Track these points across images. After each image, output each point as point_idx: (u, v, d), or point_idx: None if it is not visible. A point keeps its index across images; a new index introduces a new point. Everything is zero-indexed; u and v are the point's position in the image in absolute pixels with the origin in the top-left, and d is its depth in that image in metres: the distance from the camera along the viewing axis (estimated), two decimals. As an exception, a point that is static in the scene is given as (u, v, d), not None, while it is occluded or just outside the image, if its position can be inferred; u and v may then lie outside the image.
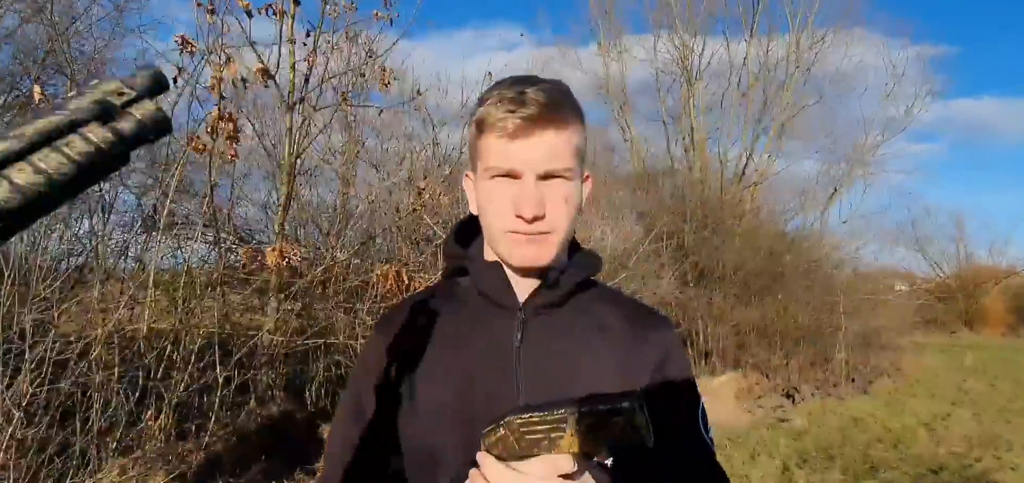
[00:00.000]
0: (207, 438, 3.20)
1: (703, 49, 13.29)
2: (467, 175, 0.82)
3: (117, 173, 5.00)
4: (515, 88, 0.71)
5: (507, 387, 0.72)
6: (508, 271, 0.77)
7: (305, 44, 4.11)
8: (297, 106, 4.20)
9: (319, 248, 5.09)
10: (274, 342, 4.18)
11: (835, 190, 13.88)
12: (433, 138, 5.74)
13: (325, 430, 4.32)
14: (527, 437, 0.58)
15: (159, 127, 0.32)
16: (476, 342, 0.76)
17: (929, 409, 7.49)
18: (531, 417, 0.58)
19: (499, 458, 0.59)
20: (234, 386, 3.67)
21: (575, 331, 0.77)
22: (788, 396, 7.59)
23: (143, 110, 0.32)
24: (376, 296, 4.52)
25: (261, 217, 5.96)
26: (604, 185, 8.27)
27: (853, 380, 8.94)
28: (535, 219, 0.71)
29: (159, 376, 3.15)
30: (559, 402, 0.58)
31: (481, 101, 0.74)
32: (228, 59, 3.45)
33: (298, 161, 4.43)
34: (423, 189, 4.23)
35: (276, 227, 4.42)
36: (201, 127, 3.70)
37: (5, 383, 2.29)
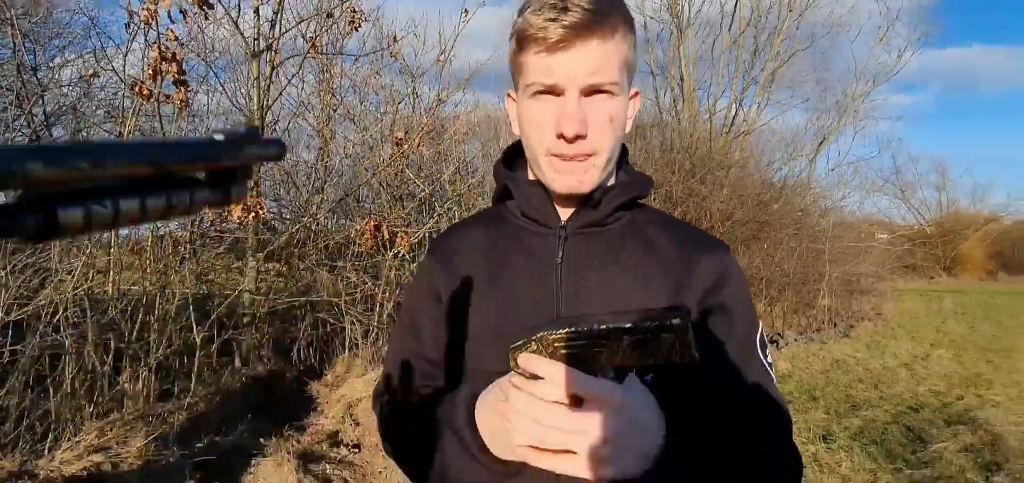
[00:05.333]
0: (190, 398, 3.14)
1: (693, -6, 12.92)
2: (509, 94, 0.78)
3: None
4: None
5: (548, 305, 0.72)
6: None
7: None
8: (264, 54, 3.97)
9: (298, 207, 4.94)
10: (256, 302, 4.08)
11: (824, 139, 13.84)
12: (413, 90, 5.52)
13: (313, 388, 4.28)
14: (561, 353, 0.52)
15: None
16: (517, 260, 0.75)
17: (909, 350, 7.67)
18: (566, 331, 0.52)
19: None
20: (215, 347, 3.59)
21: (621, 252, 0.74)
22: (772, 342, 7.72)
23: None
24: (357, 253, 4.41)
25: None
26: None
27: (835, 325, 9.12)
28: (577, 138, 0.66)
29: (134, 338, 3.05)
30: (595, 316, 0.52)
31: (521, 10, 0.68)
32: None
33: (269, 114, 4.23)
34: (402, 140, 4.06)
35: (249, 184, 4.25)
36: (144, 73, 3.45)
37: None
